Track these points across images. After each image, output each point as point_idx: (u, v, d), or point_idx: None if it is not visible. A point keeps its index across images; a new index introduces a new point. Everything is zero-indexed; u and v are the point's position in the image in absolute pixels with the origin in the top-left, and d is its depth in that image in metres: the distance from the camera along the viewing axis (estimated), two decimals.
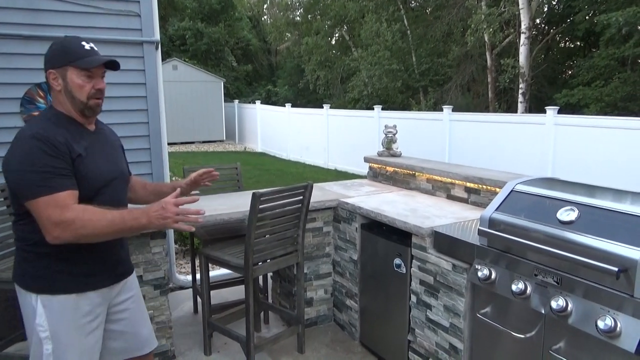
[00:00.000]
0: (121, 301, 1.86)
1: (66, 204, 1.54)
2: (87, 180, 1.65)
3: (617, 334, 1.65)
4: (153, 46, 3.75)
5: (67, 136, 1.63)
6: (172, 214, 1.56)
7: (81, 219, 1.53)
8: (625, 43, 12.10)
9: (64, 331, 1.65)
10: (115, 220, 1.57)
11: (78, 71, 1.65)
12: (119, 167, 1.85)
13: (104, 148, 1.80)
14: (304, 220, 2.90)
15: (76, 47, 1.67)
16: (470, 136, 9.47)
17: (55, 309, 1.64)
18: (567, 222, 1.90)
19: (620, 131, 7.16)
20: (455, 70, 15.41)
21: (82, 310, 1.68)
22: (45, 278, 1.65)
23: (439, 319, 2.49)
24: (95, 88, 1.69)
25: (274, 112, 16.67)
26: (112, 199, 1.75)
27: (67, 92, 1.66)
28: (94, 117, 1.79)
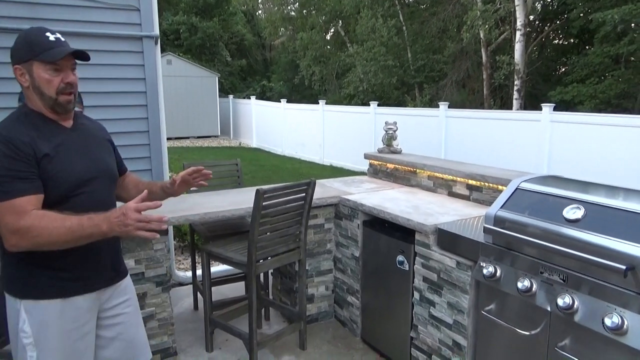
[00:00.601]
0: (112, 306, 1.78)
1: (24, 210, 1.45)
2: (57, 181, 1.55)
3: (624, 331, 1.66)
4: (152, 41, 3.71)
5: (35, 135, 1.54)
6: (132, 220, 1.45)
7: (37, 227, 1.45)
8: (619, 41, 12.18)
9: (48, 337, 1.58)
10: (73, 228, 1.47)
11: (44, 65, 1.55)
12: (101, 165, 1.73)
13: (84, 145, 1.69)
14: (306, 217, 2.90)
15: (40, 39, 1.56)
16: (467, 132, 9.49)
17: (38, 314, 1.58)
18: (574, 220, 1.91)
19: (615, 128, 7.20)
20: (451, 66, 15.44)
21: (68, 316, 1.61)
22: (28, 283, 1.58)
23: (443, 316, 2.50)
24: (64, 82, 1.58)
25: (269, 108, 16.62)
26: (93, 199, 1.65)
27: (35, 88, 1.57)
28: (68, 114, 1.67)
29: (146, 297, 2.79)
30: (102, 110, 3.61)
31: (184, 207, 2.92)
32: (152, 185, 1.99)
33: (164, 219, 1.51)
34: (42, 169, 1.53)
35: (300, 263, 3.02)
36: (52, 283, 1.60)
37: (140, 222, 1.46)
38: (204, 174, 1.96)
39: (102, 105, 3.61)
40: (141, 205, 1.49)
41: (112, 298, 1.78)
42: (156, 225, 1.48)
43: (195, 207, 2.93)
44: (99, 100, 3.61)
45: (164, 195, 1.96)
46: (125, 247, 2.66)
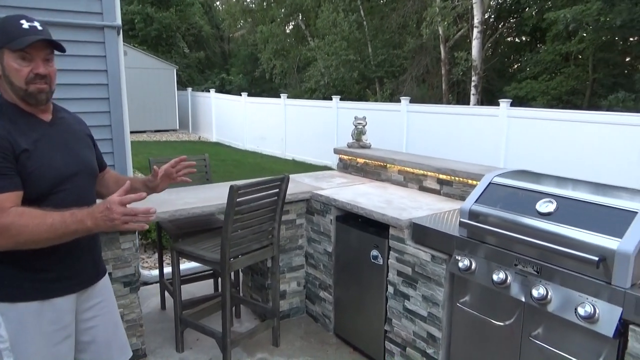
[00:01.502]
0: (89, 307, 1.70)
1: (2, 208, 1.37)
2: (36, 177, 1.48)
3: (596, 319, 1.73)
4: (114, 31, 3.56)
5: (12, 129, 1.46)
6: (118, 214, 1.39)
7: (17, 225, 1.37)
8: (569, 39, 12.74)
9: (27, 341, 1.51)
10: (55, 225, 1.39)
11: (13, 54, 1.46)
12: (82, 161, 1.65)
13: (62, 140, 1.61)
14: (280, 213, 2.87)
15: (13, 27, 1.47)
16: (428, 127, 9.67)
17: (15, 318, 1.49)
18: (546, 214, 1.97)
19: (566, 123, 7.54)
20: (411, 62, 15.69)
21: (46, 318, 1.54)
22: (4, 284, 1.50)
23: (417, 309, 2.54)
24: (33, 72, 1.48)
25: (230, 101, 16.37)
26: (74, 196, 1.57)
27: (6, 78, 1.49)
28: (45, 106, 1.58)
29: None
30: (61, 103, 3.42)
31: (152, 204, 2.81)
32: (133, 181, 1.89)
33: (151, 211, 1.44)
34: (21, 165, 1.45)
35: (273, 259, 2.98)
36: (31, 284, 1.52)
37: (127, 216, 1.40)
38: (188, 164, 1.89)
39: (62, 98, 3.40)
40: (125, 198, 1.42)
41: (90, 298, 1.71)
42: (143, 217, 1.43)
43: (164, 204, 2.85)
44: (58, 93, 3.37)
45: (146, 190, 1.87)
46: None
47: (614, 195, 1.90)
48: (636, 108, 9.53)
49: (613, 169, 6.83)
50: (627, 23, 9.59)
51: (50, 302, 1.55)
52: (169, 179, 1.90)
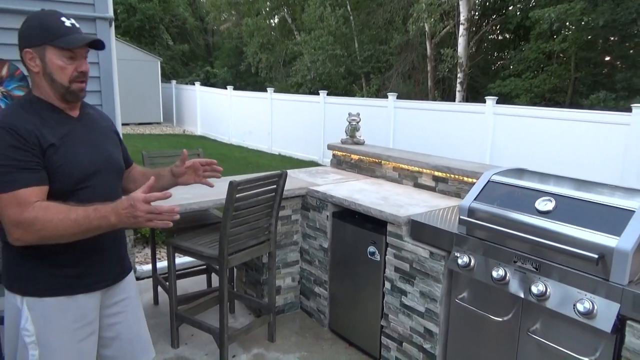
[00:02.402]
0: (114, 303, 1.71)
1: (27, 202, 1.38)
2: (62, 173, 1.48)
3: (594, 315, 1.78)
4: (107, 23, 3.50)
5: (40, 124, 1.46)
6: (142, 212, 1.37)
7: (42, 220, 1.37)
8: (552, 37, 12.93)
9: (52, 336, 1.52)
10: (79, 220, 1.39)
11: (58, 51, 1.48)
12: (108, 157, 1.66)
13: (89, 136, 1.61)
14: (277, 209, 2.87)
15: (56, 24, 1.49)
16: (414, 123, 9.74)
17: (42, 312, 1.51)
18: (545, 212, 2.01)
19: (550, 121, 7.68)
20: (397, 57, 15.73)
21: (71, 314, 1.55)
22: (31, 279, 1.51)
23: (415, 305, 2.57)
24: (78, 70, 1.52)
25: (215, 95, 16.22)
26: (99, 193, 1.56)
27: (47, 75, 1.50)
28: (77, 103, 1.60)
29: None
30: None
31: None
32: (160, 171, 1.88)
33: (176, 210, 1.42)
34: (47, 160, 1.45)
35: (270, 255, 2.99)
36: (57, 280, 1.53)
37: (151, 214, 1.38)
38: (217, 168, 1.87)
39: None
40: (150, 196, 1.40)
41: (114, 295, 1.72)
42: (167, 216, 1.41)
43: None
44: None
45: (172, 180, 1.86)
46: None
47: (612, 194, 1.95)
48: (617, 107, 9.73)
49: (596, 166, 6.98)
50: (609, 23, 9.78)
51: (75, 298, 1.56)
52: (194, 174, 1.86)
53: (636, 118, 6.76)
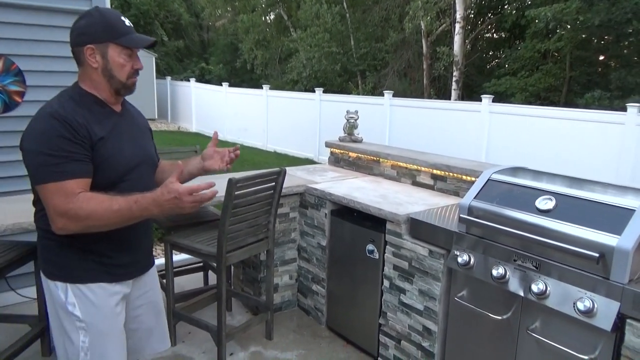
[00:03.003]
0: (139, 295, 1.77)
1: (72, 193, 1.43)
2: (108, 165, 1.54)
3: (594, 314, 1.79)
4: None
5: (89, 117, 1.53)
6: (188, 203, 1.43)
7: (86, 210, 1.43)
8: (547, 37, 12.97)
9: (100, 321, 1.59)
10: (122, 211, 1.45)
11: (121, 49, 1.56)
12: (145, 151, 1.73)
13: (130, 130, 1.68)
14: (275, 206, 2.86)
15: (119, 23, 1.56)
16: (410, 121, 9.75)
17: (88, 298, 1.58)
18: (546, 211, 2.01)
19: (547, 120, 7.72)
20: (392, 55, 15.73)
21: (114, 299, 1.63)
22: (74, 267, 1.58)
23: (413, 303, 2.57)
24: (134, 68, 1.61)
25: (210, 91, 16.17)
26: (138, 185, 1.61)
27: (106, 71, 1.57)
28: (122, 98, 1.69)
29: None
30: (47, 91, 3.31)
31: None
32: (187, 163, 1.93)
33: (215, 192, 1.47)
34: (96, 152, 1.52)
35: (268, 253, 2.98)
36: (98, 267, 1.60)
37: (195, 202, 1.44)
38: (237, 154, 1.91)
39: (47, 86, 3.33)
40: (194, 188, 1.42)
41: (140, 287, 1.78)
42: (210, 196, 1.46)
43: None
44: (43, 80, 3.34)
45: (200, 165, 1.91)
46: None
47: (612, 193, 1.95)
48: (611, 106, 9.79)
49: (591, 165, 7.03)
50: (604, 23, 9.82)
51: (114, 286, 1.63)
52: (220, 159, 1.89)
53: (631, 117, 6.80)
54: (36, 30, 3.27)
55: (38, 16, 3.26)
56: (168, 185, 1.43)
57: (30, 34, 3.25)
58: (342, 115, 4.05)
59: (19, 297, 3.18)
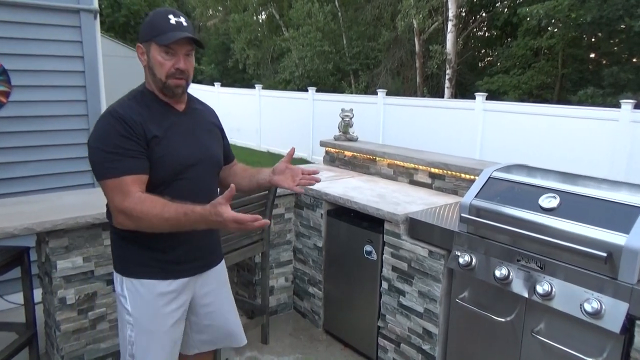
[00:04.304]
0: (207, 292, 1.77)
1: (129, 190, 1.47)
2: (162, 163, 1.55)
3: (602, 315, 1.73)
4: (92, 15, 3.37)
5: (147, 116, 1.56)
6: (233, 228, 1.42)
7: (139, 210, 1.46)
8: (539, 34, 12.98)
9: (146, 318, 1.62)
10: (171, 220, 1.46)
11: (159, 47, 1.55)
12: (206, 150, 1.70)
13: (191, 129, 1.67)
14: (270, 207, 2.78)
15: (161, 21, 1.55)
16: (404, 120, 9.70)
17: (138, 293, 1.61)
18: (550, 209, 1.95)
19: (540, 117, 7.71)
20: (385, 54, 15.69)
21: (165, 298, 1.63)
22: (130, 261, 1.62)
23: (413, 305, 2.51)
24: (175, 67, 1.56)
25: (202, 91, 15.98)
26: (194, 186, 1.63)
27: (149, 69, 1.59)
28: (182, 97, 1.66)
29: (96, 297, 2.55)
30: (34, 91, 3.26)
31: None
32: (262, 168, 1.88)
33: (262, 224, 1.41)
34: (151, 150, 1.53)
35: (263, 255, 2.90)
36: (153, 264, 1.62)
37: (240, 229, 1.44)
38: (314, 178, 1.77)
39: (34, 85, 3.26)
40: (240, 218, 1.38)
41: (206, 284, 1.77)
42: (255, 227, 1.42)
43: None
44: (30, 80, 3.24)
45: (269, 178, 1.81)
46: (73, 244, 2.41)
47: (618, 190, 1.90)
48: (604, 103, 9.80)
49: (585, 162, 7.01)
50: (596, 20, 9.83)
51: (170, 283, 1.63)
52: (291, 178, 1.77)
53: (625, 114, 6.79)
54: (22, 27, 3.17)
55: (23, 13, 3.16)
56: (216, 207, 1.40)
57: (15, 32, 3.15)
58: (335, 114, 3.98)
59: (6, 303, 3.08)
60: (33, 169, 3.28)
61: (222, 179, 1.87)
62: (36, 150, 3.28)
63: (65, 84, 3.34)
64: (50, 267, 2.38)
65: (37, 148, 3.28)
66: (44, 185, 3.22)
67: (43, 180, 3.28)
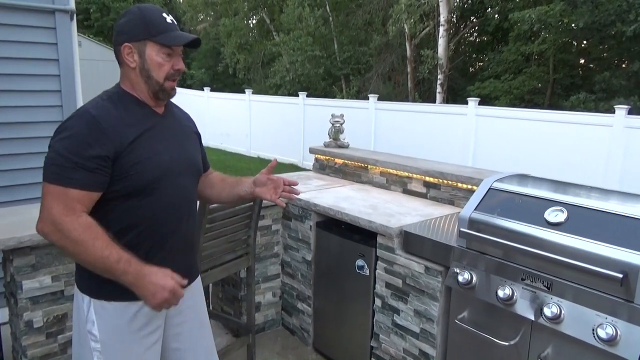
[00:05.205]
0: (179, 312, 1.60)
1: (73, 207, 1.32)
2: (139, 168, 1.41)
3: (617, 342, 1.58)
4: (67, 16, 3.20)
5: (125, 118, 1.42)
6: (165, 297, 1.36)
7: (78, 236, 1.31)
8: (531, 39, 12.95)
9: (118, 344, 1.47)
10: (106, 260, 1.32)
11: (159, 47, 1.44)
12: (188, 158, 1.58)
13: (171, 134, 1.55)
14: (256, 219, 2.61)
15: (158, 20, 1.45)
16: (396, 125, 9.57)
17: (109, 317, 1.45)
18: (557, 224, 1.80)
19: (534, 123, 7.61)
20: (376, 59, 15.59)
21: (139, 322, 1.48)
22: (100, 281, 1.41)
23: (408, 325, 2.34)
24: (174, 68, 1.48)
25: (192, 96, 15.79)
26: (175, 193, 1.51)
27: (143, 71, 1.45)
28: (165, 101, 1.55)
29: (66, 319, 2.36)
30: (4, 96, 3.06)
31: None
32: (242, 178, 1.77)
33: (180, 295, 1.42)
34: (126, 156, 1.39)
35: (248, 270, 2.72)
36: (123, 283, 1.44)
37: (166, 302, 1.39)
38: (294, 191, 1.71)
39: (5, 90, 3.06)
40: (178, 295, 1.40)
41: (181, 302, 1.56)
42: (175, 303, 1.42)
43: None
44: (1, 84, 3.05)
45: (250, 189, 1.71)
46: (41, 262, 2.22)
47: (631, 204, 1.75)
48: (597, 108, 9.74)
49: (579, 168, 6.91)
50: (588, 25, 9.78)
51: (142, 305, 1.46)
52: (274, 190, 1.68)
53: (619, 119, 6.71)
54: None
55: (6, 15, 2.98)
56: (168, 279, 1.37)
57: None
58: (326, 119, 3.83)
59: None
60: (1, 179, 3.08)
61: (199, 187, 1.74)
62: (6, 159, 3.08)
63: (38, 88, 3.16)
64: (16, 288, 2.19)
65: (6, 157, 3.08)
66: (13, 197, 3.02)
67: (12, 191, 3.08)
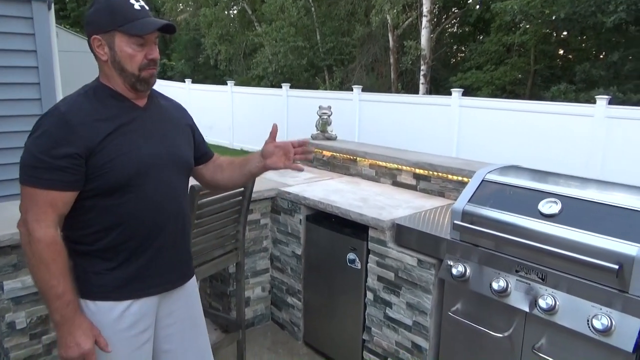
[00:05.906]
0: (170, 312, 1.54)
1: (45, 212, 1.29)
2: (116, 164, 1.34)
3: (612, 332, 1.58)
4: (45, 5, 3.08)
5: (99, 113, 1.35)
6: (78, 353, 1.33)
7: (41, 250, 1.28)
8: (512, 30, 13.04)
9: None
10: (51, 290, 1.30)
11: (128, 38, 1.35)
12: (173, 151, 1.49)
13: (154, 127, 1.47)
14: (245, 214, 2.56)
15: (124, 7, 1.35)
16: (380, 116, 9.56)
17: (92, 316, 1.39)
18: (550, 215, 1.80)
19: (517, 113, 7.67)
20: (359, 50, 15.53)
21: (127, 321, 1.42)
22: (84, 280, 1.38)
23: (401, 317, 2.33)
24: (147, 58, 1.39)
25: (172, 88, 15.50)
26: (159, 189, 1.43)
27: (115, 63, 1.37)
28: (147, 91, 1.46)
29: (49, 321, 2.29)
30: None
31: None
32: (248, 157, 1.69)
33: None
34: (100, 152, 1.32)
35: (238, 266, 2.68)
36: (110, 282, 1.40)
37: None
38: (309, 149, 1.63)
39: None
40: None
41: (172, 302, 1.55)
42: None
43: None
44: None
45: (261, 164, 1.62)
46: (23, 261, 2.14)
47: (626, 194, 1.75)
48: (577, 99, 9.86)
49: (560, 157, 6.99)
50: (569, 16, 9.87)
51: (130, 303, 1.43)
52: (285, 156, 1.58)
53: (600, 109, 6.80)
54: None
55: None
56: (88, 342, 1.34)
57: None
58: (310, 111, 3.78)
59: None
60: None
61: (208, 177, 1.72)
62: None
63: (15, 80, 3.04)
64: None
65: None
66: None
67: None
